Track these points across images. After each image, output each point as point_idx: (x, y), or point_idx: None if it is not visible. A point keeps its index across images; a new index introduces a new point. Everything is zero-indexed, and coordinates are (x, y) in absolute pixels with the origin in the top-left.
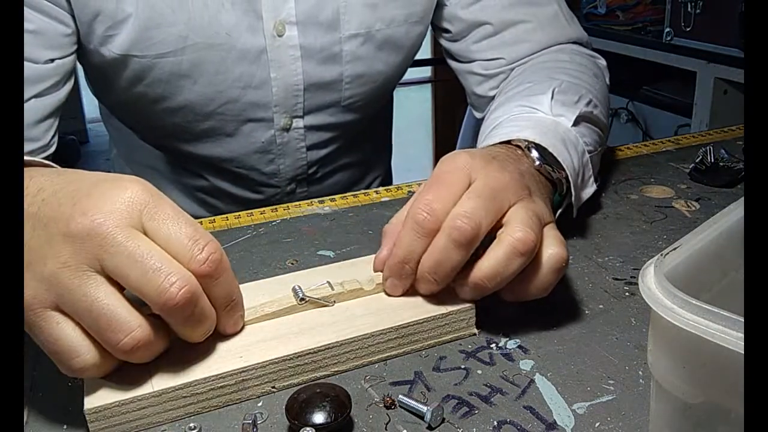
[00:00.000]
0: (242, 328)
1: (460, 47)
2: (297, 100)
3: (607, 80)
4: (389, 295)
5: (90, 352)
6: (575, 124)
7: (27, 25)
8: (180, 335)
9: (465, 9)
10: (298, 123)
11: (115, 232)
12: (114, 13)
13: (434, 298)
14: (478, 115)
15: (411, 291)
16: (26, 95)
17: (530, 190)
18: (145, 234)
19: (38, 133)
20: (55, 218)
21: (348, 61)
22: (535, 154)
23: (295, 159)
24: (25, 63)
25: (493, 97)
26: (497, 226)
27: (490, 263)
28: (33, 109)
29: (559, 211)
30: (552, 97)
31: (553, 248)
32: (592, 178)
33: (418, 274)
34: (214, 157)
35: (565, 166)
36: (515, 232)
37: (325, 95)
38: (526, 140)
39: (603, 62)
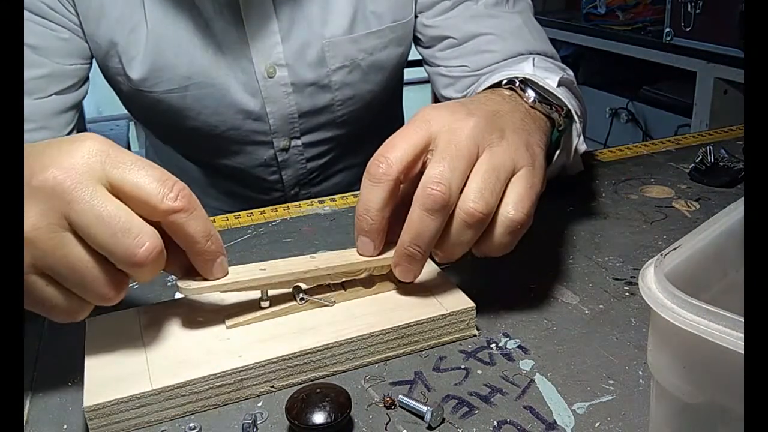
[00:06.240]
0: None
1: (430, 53)
2: (293, 125)
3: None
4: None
5: (81, 307)
6: (558, 86)
7: (61, 34)
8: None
9: (431, 20)
10: (296, 143)
11: (79, 188)
12: (126, 48)
13: (434, 298)
14: None
15: (411, 291)
16: (49, 92)
17: (503, 131)
18: (111, 185)
19: (56, 124)
20: None
21: (337, 89)
22: (530, 93)
23: (297, 170)
24: (53, 64)
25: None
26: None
27: (444, 236)
28: (54, 102)
29: (557, 152)
30: (534, 65)
31: (509, 208)
32: (581, 137)
33: (399, 248)
34: (221, 165)
35: (564, 100)
36: (465, 203)
37: (319, 118)
38: (516, 78)
39: (571, 72)
